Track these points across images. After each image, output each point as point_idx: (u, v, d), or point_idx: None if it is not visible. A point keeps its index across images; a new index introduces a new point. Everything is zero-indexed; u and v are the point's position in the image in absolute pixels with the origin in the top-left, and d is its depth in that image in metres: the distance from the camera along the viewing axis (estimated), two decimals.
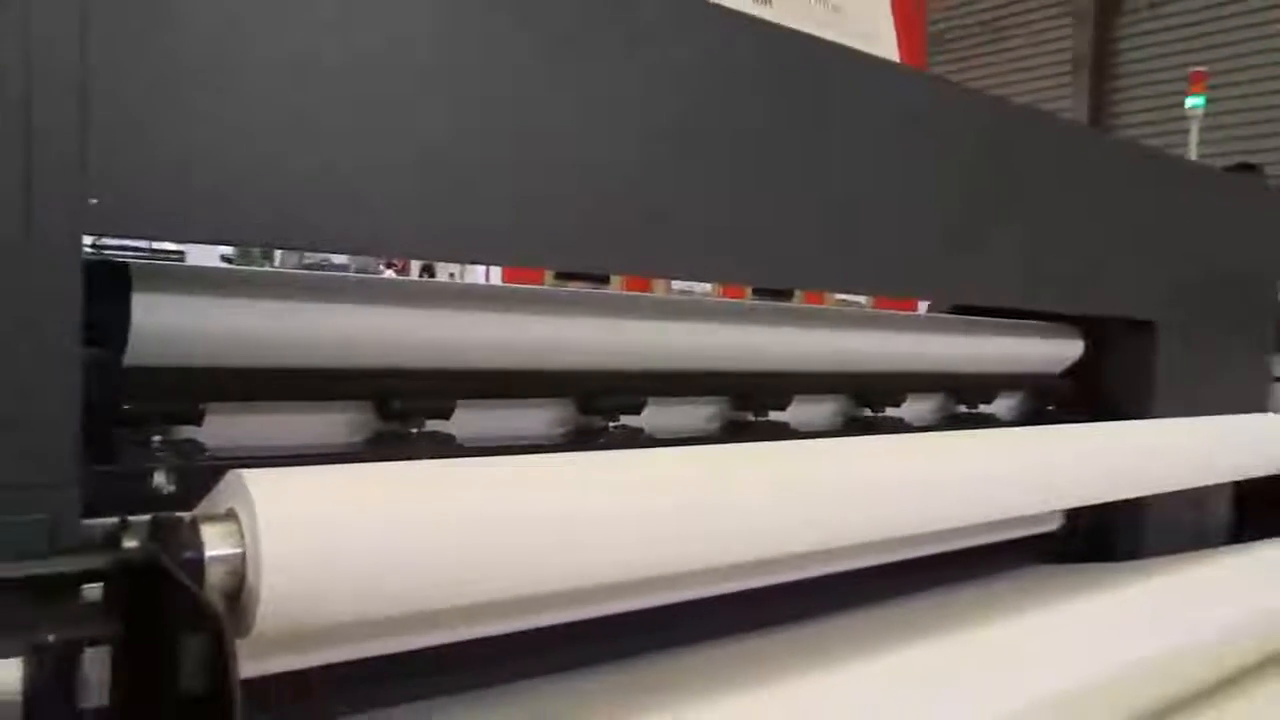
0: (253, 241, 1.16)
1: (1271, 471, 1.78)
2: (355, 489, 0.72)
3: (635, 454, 1.00)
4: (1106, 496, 1.45)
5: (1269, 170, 3.77)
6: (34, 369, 0.75)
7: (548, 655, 1.14)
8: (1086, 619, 1.40)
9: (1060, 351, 1.85)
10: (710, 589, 1.26)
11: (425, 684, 1.06)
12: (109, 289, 0.90)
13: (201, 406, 0.99)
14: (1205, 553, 1.78)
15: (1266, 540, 1.82)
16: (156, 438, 0.97)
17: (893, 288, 1.54)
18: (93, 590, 0.73)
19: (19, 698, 0.65)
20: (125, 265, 0.94)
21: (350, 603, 0.69)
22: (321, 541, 0.67)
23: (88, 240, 0.82)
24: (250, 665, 0.64)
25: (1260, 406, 2.05)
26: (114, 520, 0.78)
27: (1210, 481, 1.70)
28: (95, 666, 0.69)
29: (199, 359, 0.99)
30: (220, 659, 0.58)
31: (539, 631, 1.11)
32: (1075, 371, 1.89)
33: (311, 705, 0.97)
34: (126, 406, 0.95)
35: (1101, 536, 1.83)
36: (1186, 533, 1.87)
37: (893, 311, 1.76)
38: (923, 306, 2.15)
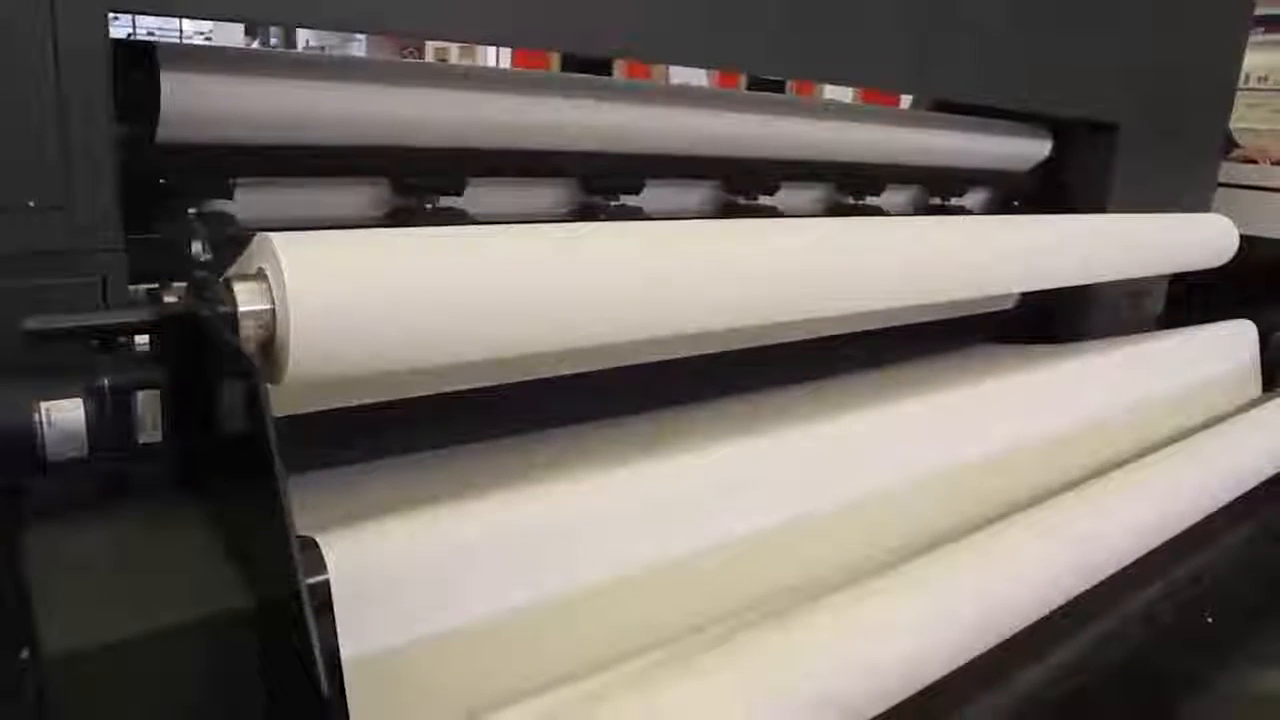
0: (264, 18, 1.10)
1: (1205, 266, 1.77)
2: (375, 249, 0.70)
3: (632, 224, 0.97)
4: (1055, 282, 1.44)
5: None
6: (73, 144, 0.72)
7: (548, 408, 1.16)
8: (1025, 391, 1.42)
9: (1028, 150, 1.79)
10: (687, 352, 1.27)
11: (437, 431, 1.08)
12: (138, 68, 0.86)
13: (232, 181, 0.96)
14: (1138, 337, 1.79)
15: (1193, 327, 1.82)
16: (191, 210, 0.95)
17: (874, 80, 1.46)
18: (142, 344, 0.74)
19: (83, 432, 0.67)
20: (153, 44, 0.89)
21: (370, 352, 0.68)
22: (344, 296, 0.66)
23: (123, 33, 0.78)
24: (282, 408, 0.64)
25: (1204, 208, 2.01)
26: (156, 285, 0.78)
27: (1149, 273, 1.69)
28: (148, 408, 0.70)
29: (227, 136, 0.95)
30: (255, 402, 0.58)
31: (543, 382, 1.13)
32: (1041, 170, 1.84)
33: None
34: (162, 181, 0.93)
35: (1048, 320, 1.84)
36: (1124, 320, 1.88)
37: (876, 105, 1.69)
38: (905, 103, 2.07)
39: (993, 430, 1.29)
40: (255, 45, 5.08)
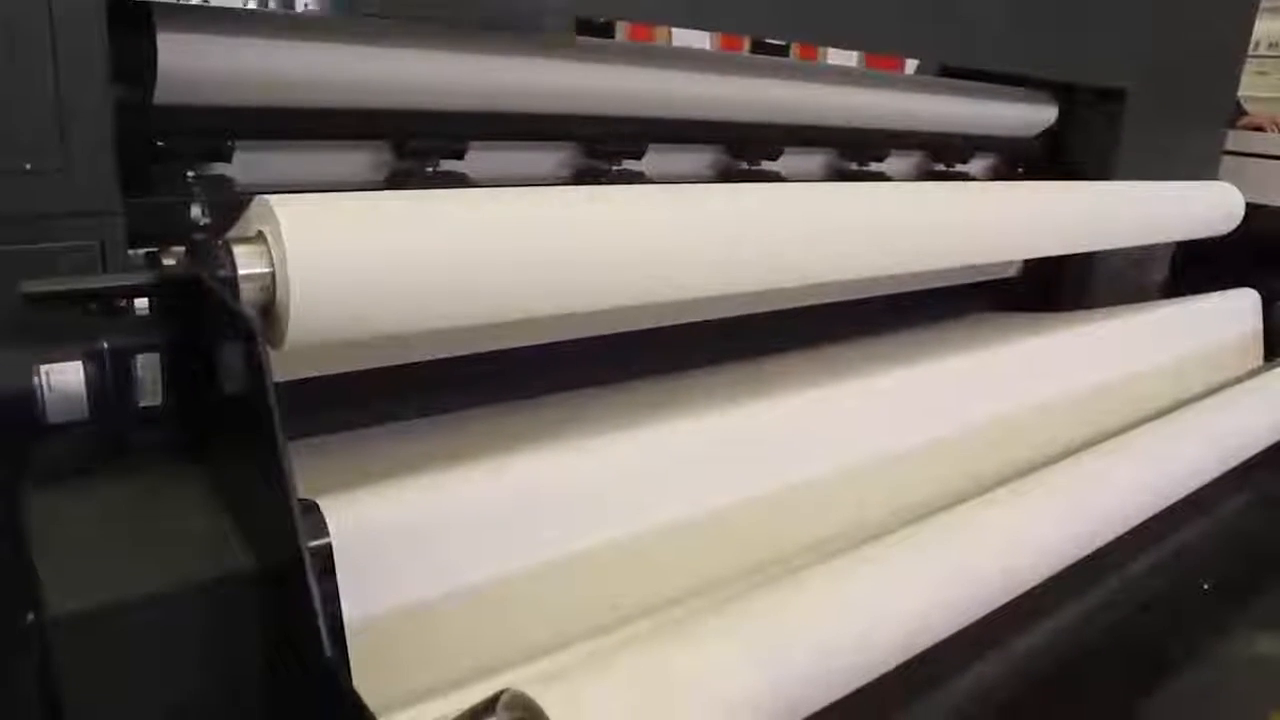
0: None
1: (1210, 234, 1.75)
2: (375, 212, 0.69)
3: (635, 188, 0.96)
4: (1059, 249, 1.43)
5: None
6: (70, 106, 0.71)
7: (547, 373, 1.16)
8: (1027, 359, 1.42)
9: (1034, 116, 1.77)
10: (693, 317, 1.27)
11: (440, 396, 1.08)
12: (134, 28, 0.84)
13: (231, 144, 0.95)
14: (1141, 305, 1.78)
15: (1197, 295, 1.81)
16: (190, 174, 0.94)
17: (877, 44, 1.44)
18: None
19: (84, 395, 0.67)
20: (149, 4, 0.87)
21: (371, 315, 0.68)
22: (344, 258, 0.65)
23: None
24: (283, 372, 0.64)
25: (1210, 176, 1.99)
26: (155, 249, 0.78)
27: (1154, 240, 1.68)
28: (148, 371, 0.70)
29: (226, 98, 0.94)
30: (256, 365, 0.58)
31: (543, 347, 1.13)
32: (1047, 136, 1.82)
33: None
34: (160, 143, 0.92)
35: (1052, 288, 1.83)
36: (1128, 288, 1.86)
37: (880, 71, 1.67)
38: (910, 68, 2.05)
39: (993, 398, 1.29)
40: (253, 6, 5.03)
